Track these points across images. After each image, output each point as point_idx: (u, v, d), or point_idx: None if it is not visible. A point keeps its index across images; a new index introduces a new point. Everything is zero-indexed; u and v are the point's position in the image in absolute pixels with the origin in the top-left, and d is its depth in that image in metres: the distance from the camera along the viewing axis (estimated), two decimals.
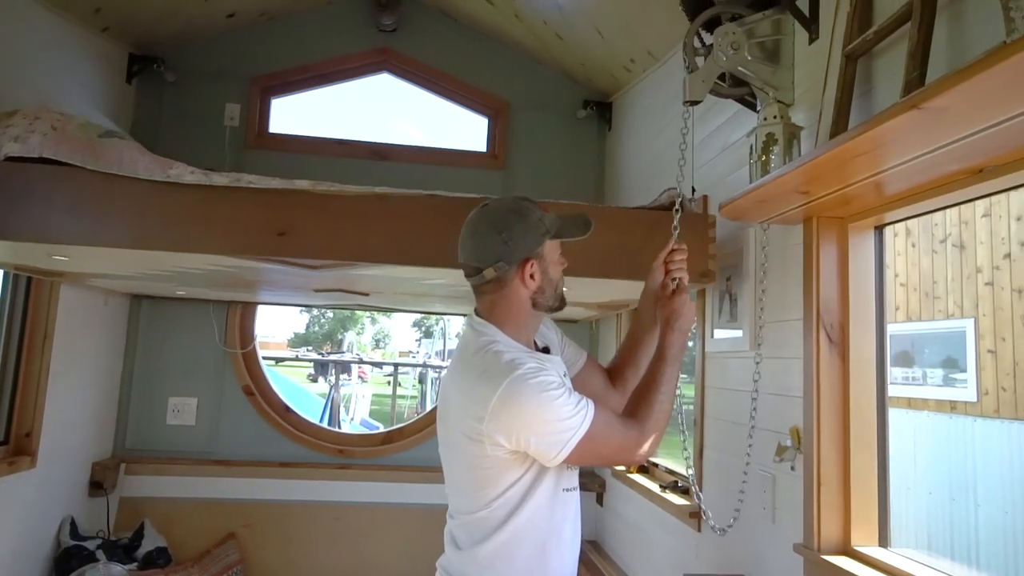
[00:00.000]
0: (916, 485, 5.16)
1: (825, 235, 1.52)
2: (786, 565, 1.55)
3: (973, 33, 1.10)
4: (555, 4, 2.81)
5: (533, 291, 1.32)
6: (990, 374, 4.87)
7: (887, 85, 1.31)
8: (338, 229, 1.79)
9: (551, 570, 1.30)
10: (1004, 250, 4.83)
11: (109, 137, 1.79)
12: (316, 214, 1.79)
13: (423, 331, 34.77)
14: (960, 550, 4.72)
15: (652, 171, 2.72)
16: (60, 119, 1.79)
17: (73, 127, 1.77)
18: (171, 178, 1.75)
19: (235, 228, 1.77)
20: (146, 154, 1.79)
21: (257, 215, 1.77)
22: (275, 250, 1.76)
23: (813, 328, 1.51)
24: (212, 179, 1.77)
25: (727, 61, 1.63)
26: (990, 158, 1.06)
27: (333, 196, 1.81)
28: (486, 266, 1.30)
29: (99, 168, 1.72)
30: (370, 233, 1.80)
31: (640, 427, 1.28)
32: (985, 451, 4.83)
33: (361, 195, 1.82)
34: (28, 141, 1.71)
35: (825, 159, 1.19)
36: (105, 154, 1.74)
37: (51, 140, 1.72)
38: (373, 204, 1.81)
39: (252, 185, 1.78)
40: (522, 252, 1.29)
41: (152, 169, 1.75)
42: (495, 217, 1.32)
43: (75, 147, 1.73)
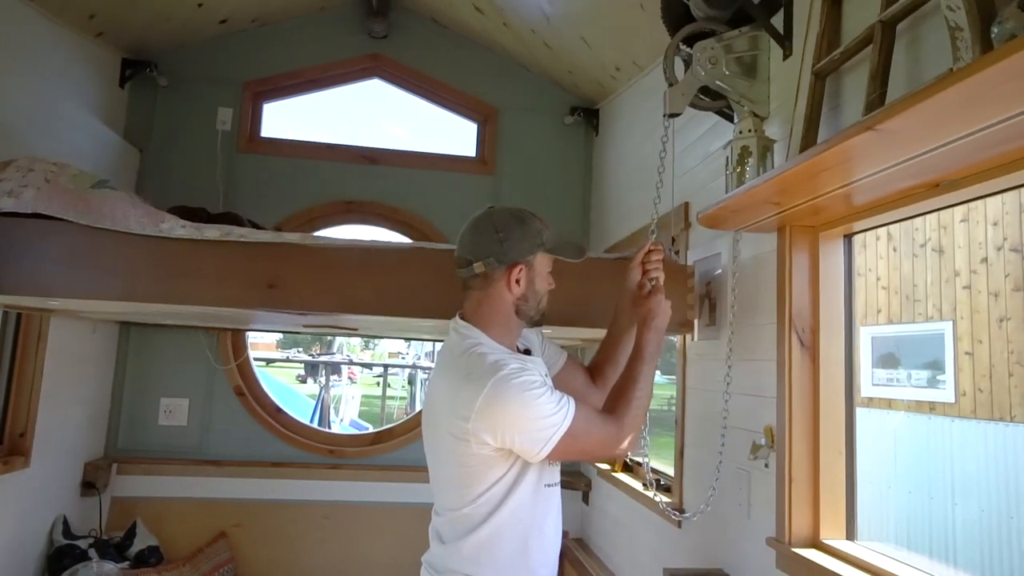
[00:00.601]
0: (896, 484, 5.27)
1: (797, 243, 1.60)
2: (760, 558, 1.62)
3: (929, 58, 1.17)
4: (542, 13, 2.87)
5: (517, 297, 1.37)
6: (967, 376, 4.99)
7: (854, 102, 1.38)
8: (326, 281, 1.83)
9: (533, 563, 1.35)
10: (981, 254, 4.94)
11: (101, 188, 1.81)
12: (305, 266, 1.83)
13: None
14: (938, 547, 4.83)
15: (638, 176, 2.80)
16: (53, 170, 1.80)
17: (66, 179, 1.79)
18: (163, 232, 1.78)
19: (225, 280, 1.80)
20: (138, 206, 1.81)
21: (247, 268, 1.81)
22: (264, 302, 1.78)
23: (785, 332, 1.58)
24: (203, 233, 1.80)
25: (705, 75, 1.70)
26: (944, 174, 1.14)
27: (321, 248, 1.85)
28: (477, 260, 1.35)
29: (91, 223, 1.74)
30: (357, 285, 1.84)
31: (619, 423, 1.34)
32: (962, 451, 4.94)
33: (348, 247, 1.87)
34: (22, 196, 1.72)
35: (794, 172, 1.26)
36: (97, 207, 1.76)
37: (44, 195, 1.73)
38: (360, 256, 1.86)
39: (242, 239, 1.81)
40: (514, 255, 1.35)
41: (144, 223, 1.78)
42: (497, 218, 1.38)
43: (68, 201, 1.75)
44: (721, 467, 1.75)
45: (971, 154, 1.03)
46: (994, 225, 4.84)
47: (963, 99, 0.83)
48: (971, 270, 5.03)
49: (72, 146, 2.61)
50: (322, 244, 1.86)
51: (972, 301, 5.00)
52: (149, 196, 3.10)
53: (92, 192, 1.79)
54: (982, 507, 4.63)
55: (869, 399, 5.83)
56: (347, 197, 3.36)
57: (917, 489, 5.15)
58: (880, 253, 5.90)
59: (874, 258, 5.95)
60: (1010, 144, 0.96)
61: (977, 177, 1.12)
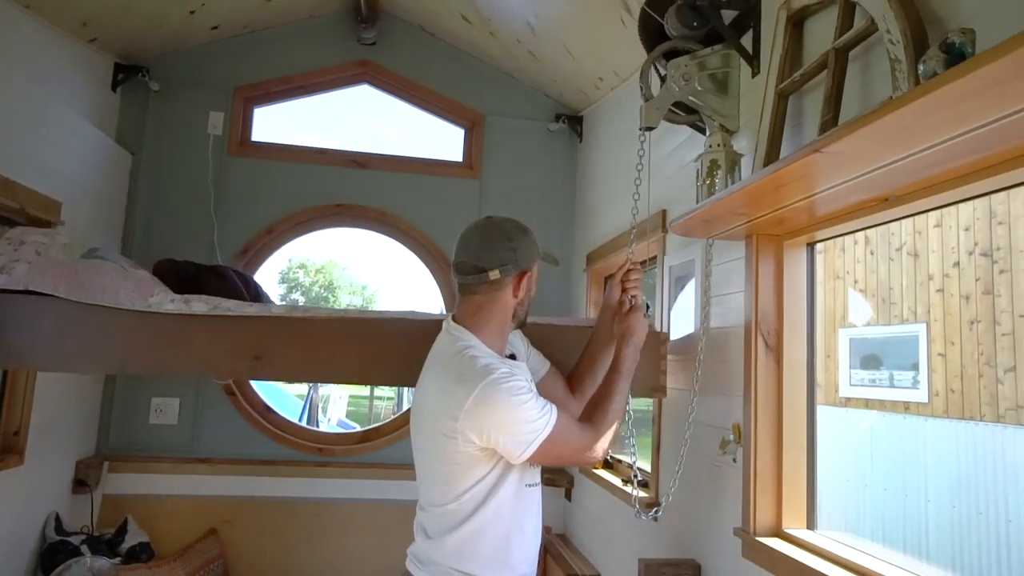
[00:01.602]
0: (873, 482, 5.41)
1: (764, 251, 1.69)
2: (728, 547, 1.72)
3: (877, 82, 1.27)
4: (528, 24, 2.96)
5: (518, 302, 1.45)
6: (940, 376, 5.14)
7: (813, 120, 1.48)
8: (310, 352, 1.88)
9: (513, 559, 1.42)
10: (954, 259, 5.10)
11: (91, 258, 1.86)
12: (290, 338, 1.87)
13: None
14: (912, 543, 4.97)
15: (621, 182, 2.89)
16: (44, 242, 1.84)
17: (56, 249, 1.84)
18: (151, 307, 1.82)
19: (213, 353, 1.85)
20: (128, 278, 1.85)
21: (234, 340, 1.85)
22: (250, 372, 1.86)
23: (752, 334, 1.68)
24: (191, 307, 1.85)
25: (679, 91, 1.80)
26: (890, 190, 1.24)
27: (306, 320, 1.89)
28: (491, 268, 1.40)
29: (82, 299, 1.78)
30: (341, 355, 1.89)
31: (594, 432, 1.42)
32: (936, 449, 5.09)
33: (332, 319, 1.91)
34: (13, 272, 1.76)
35: (757, 186, 1.35)
36: (88, 281, 1.80)
37: (36, 270, 1.77)
38: (343, 327, 1.91)
39: (230, 312, 1.86)
40: (524, 263, 1.43)
41: (133, 297, 1.82)
42: (505, 227, 1.45)
43: (59, 275, 1.78)
44: (684, 463, 1.84)
45: (912, 173, 1.13)
46: (966, 230, 4.99)
47: (894, 128, 0.93)
48: (944, 274, 5.17)
49: (66, 150, 2.66)
50: (308, 316, 1.90)
51: (945, 304, 5.15)
52: (143, 200, 3.19)
53: (82, 264, 1.83)
54: (954, 503, 4.78)
55: (847, 399, 5.98)
56: (337, 200, 3.43)
57: (892, 487, 5.29)
58: (858, 257, 6.04)
59: (852, 261, 6.10)
60: (944, 166, 1.06)
61: (921, 193, 1.22)
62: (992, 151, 0.97)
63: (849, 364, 6.02)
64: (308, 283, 30.04)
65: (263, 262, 3.40)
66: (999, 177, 1.04)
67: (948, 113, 0.85)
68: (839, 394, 6.02)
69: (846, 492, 5.34)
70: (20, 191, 2.33)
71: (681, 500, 1.90)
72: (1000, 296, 4.65)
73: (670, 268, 2.22)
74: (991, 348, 4.68)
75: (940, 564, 4.76)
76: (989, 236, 4.77)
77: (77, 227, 2.69)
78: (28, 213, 2.40)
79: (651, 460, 2.30)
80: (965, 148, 0.96)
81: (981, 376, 4.76)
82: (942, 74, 0.82)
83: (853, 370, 6.02)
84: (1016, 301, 4.52)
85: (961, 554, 4.62)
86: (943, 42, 0.89)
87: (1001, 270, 4.66)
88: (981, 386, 4.74)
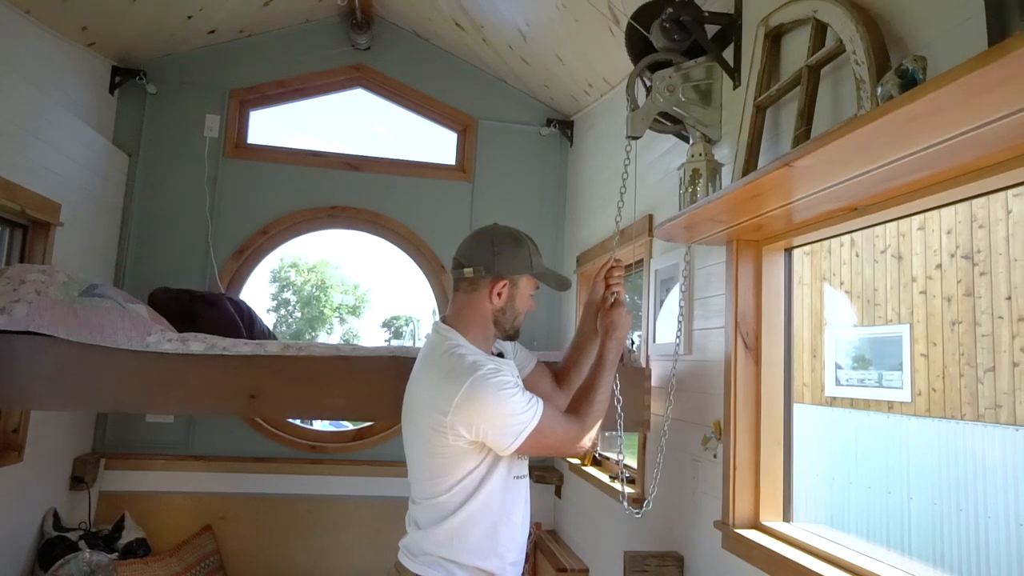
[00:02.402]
0: (857, 480, 5.52)
1: (743, 256, 1.77)
2: (708, 539, 1.80)
3: (846, 99, 1.35)
4: (520, 32, 3.03)
5: (496, 308, 1.49)
6: (923, 376, 5.24)
7: (789, 132, 1.55)
8: (305, 389, 1.92)
9: (501, 547, 1.47)
10: (936, 261, 5.20)
11: (90, 296, 1.89)
12: (284, 376, 1.91)
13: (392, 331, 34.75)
14: (895, 539, 5.07)
15: (610, 186, 2.96)
16: (43, 280, 1.87)
17: (55, 288, 1.87)
18: (149, 347, 1.85)
19: (210, 392, 1.88)
20: (126, 318, 1.88)
21: (230, 379, 1.89)
22: (247, 411, 1.89)
23: (732, 335, 1.75)
24: (188, 347, 1.88)
25: (664, 101, 1.87)
26: (858, 200, 1.32)
27: (300, 358, 1.93)
28: (468, 266, 1.48)
29: (81, 339, 1.80)
30: (335, 392, 1.93)
31: (581, 423, 1.48)
32: (918, 448, 5.20)
33: (326, 357, 1.95)
34: (14, 313, 1.78)
35: (735, 195, 1.43)
36: (87, 321, 1.82)
37: (36, 310, 1.79)
38: (337, 365, 1.94)
39: (226, 352, 1.89)
40: (501, 269, 1.47)
41: (131, 337, 1.85)
42: (497, 233, 1.51)
43: (58, 316, 1.81)
44: (663, 459, 1.92)
45: (875, 185, 1.21)
46: (948, 233, 5.10)
47: (855, 146, 1.00)
48: (927, 276, 5.28)
49: (64, 152, 2.71)
50: (302, 354, 1.94)
51: (928, 305, 5.25)
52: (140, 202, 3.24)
53: (81, 303, 1.86)
54: (935, 500, 4.88)
55: (832, 398, 6.08)
56: (331, 202, 3.49)
57: (876, 485, 5.39)
58: (844, 259, 6.15)
59: (838, 263, 6.20)
60: (903, 179, 1.14)
61: (886, 203, 1.30)
62: (943, 167, 1.05)
63: (835, 364, 6.13)
64: (300, 282, 30.00)
65: (259, 262, 3.46)
66: (954, 191, 1.12)
67: (900, 133, 0.93)
68: (825, 394, 6.13)
69: (831, 490, 5.44)
70: (21, 193, 2.38)
71: (664, 495, 1.98)
72: (980, 298, 4.76)
73: (656, 271, 2.30)
74: (972, 349, 4.79)
75: (921, 560, 4.86)
76: (970, 239, 4.88)
77: (77, 229, 2.74)
78: (28, 215, 2.45)
79: (637, 457, 2.38)
80: (919, 164, 1.04)
81: (962, 376, 4.87)
82: (895, 98, 0.89)
83: (839, 370, 6.13)
84: (995, 303, 4.63)
85: (942, 550, 4.72)
86: (899, 67, 0.97)
87: (981, 272, 4.77)
88: (962, 386, 4.85)
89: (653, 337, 2.27)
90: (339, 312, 31.83)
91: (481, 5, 2.99)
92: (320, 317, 31.71)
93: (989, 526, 4.40)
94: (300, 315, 31.28)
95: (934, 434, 5.04)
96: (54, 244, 2.61)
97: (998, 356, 4.58)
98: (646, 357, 2.36)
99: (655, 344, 2.29)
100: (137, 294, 3.16)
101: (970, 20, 1.02)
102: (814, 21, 1.42)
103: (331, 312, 31.50)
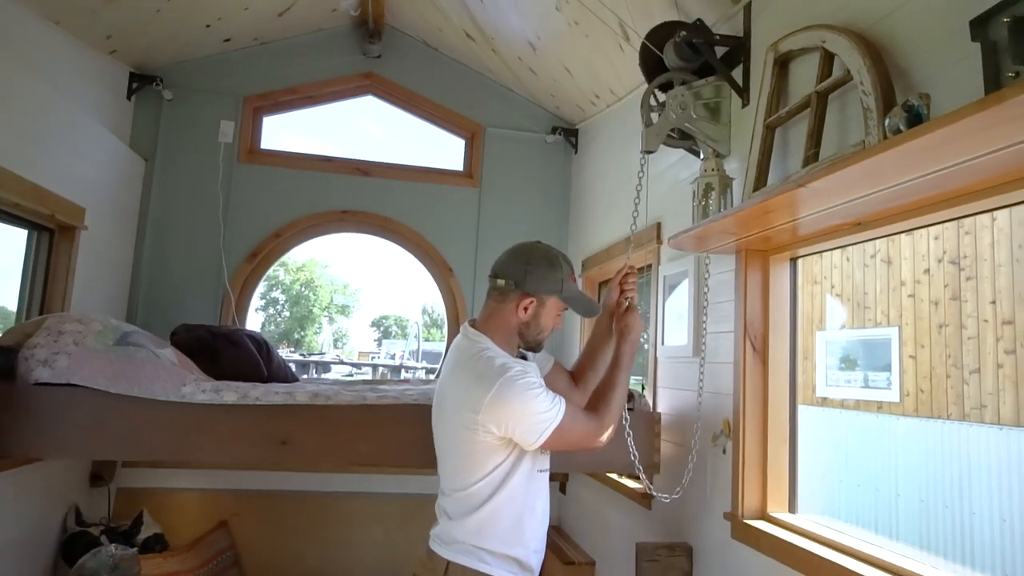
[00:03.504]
0: (847, 478, 5.67)
1: (752, 265, 1.89)
2: (718, 530, 1.91)
3: (852, 123, 1.47)
4: (529, 44, 3.14)
5: (521, 322, 1.59)
6: (911, 377, 5.41)
7: (798, 152, 1.67)
8: (333, 436, 2.02)
9: (526, 536, 1.57)
10: (924, 265, 5.37)
11: (124, 344, 1.99)
12: (313, 424, 2.01)
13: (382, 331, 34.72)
14: (883, 536, 5.22)
15: (613, 193, 3.08)
16: (80, 330, 1.96)
17: (92, 338, 1.96)
18: (185, 397, 1.95)
19: (242, 440, 1.97)
20: (160, 368, 1.97)
21: (261, 428, 1.98)
22: (277, 459, 1.97)
23: (741, 339, 1.87)
24: (222, 397, 1.97)
25: (676, 118, 1.99)
26: (861, 217, 1.43)
27: (329, 407, 2.03)
28: (501, 277, 1.58)
29: (119, 391, 1.90)
30: (361, 439, 2.04)
31: (600, 420, 1.58)
32: (906, 446, 5.36)
33: (353, 405, 2.05)
34: (55, 365, 1.87)
35: (747, 212, 1.54)
36: (123, 371, 1.92)
37: (76, 362, 1.88)
38: (363, 413, 2.05)
39: (258, 402, 1.99)
40: (529, 287, 1.56)
41: (167, 388, 1.94)
42: (534, 252, 1.60)
43: (97, 368, 1.90)
44: (695, 454, 2.03)
45: (879, 204, 1.33)
46: (935, 239, 5.26)
47: (865, 171, 1.12)
48: (915, 280, 5.45)
49: (88, 157, 2.79)
50: (330, 403, 2.05)
51: (916, 309, 5.42)
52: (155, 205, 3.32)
53: (117, 352, 1.96)
54: (922, 498, 5.04)
55: (824, 399, 6.24)
56: (342, 206, 3.58)
57: (866, 483, 5.55)
58: (835, 263, 6.31)
59: (829, 267, 6.37)
60: (905, 199, 1.26)
61: (887, 220, 1.42)
62: (942, 190, 1.17)
63: (826, 365, 6.29)
64: (289, 281, 29.93)
65: (272, 264, 3.55)
66: (951, 210, 1.24)
67: (906, 162, 1.05)
68: (816, 394, 6.29)
69: (824, 488, 5.60)
70: (51, 199, 2.46)
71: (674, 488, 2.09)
72: (966, 302, 4.93)
73: (664, 277, 2.41)
74: (958, 351, 4.96)
75: (909, 558, 5.00)
76: (957, 245, 5.04)
77: (98, 232, 2.82)
78: (58, 220, 2.53)
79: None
80: (921, 187, 1.16)
81: (948, 377, 5.03)
82: (904, 132, 1.01)
83: (830, 371, 6.29)
84: (981, 306, 4.80)
85: (928, 546, 4.88)
86: (905, 103, 1.09)
87: (967, 277, 4.94)
88: (948, 386, 5.02)
89: (662, 339, 2.39)
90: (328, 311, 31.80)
91: (492, 18, 3.09)
92: (309, 316, 31.65)
93: (974, 522, 4.56)
94: (289, 314, 31.23)
95: (921, 433, 5.20)
96: (79, 248, 2.69)
97: (983, 358, 4.75)
98: (654, 360, 2.48)
99: (663, 346, 2.40)
100: (151, 299, 3.25)
101: (967, 59, 1.14)
102: (822, 50, 1.54)
103: (320, 312, 31.46)
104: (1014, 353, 4.55)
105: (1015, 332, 4.54)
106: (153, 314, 3.29)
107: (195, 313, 3.31)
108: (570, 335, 3.52)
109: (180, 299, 3.32)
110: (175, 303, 3.32)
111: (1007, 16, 0.99)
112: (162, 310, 3.30)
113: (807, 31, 1.61)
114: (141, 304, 3.29)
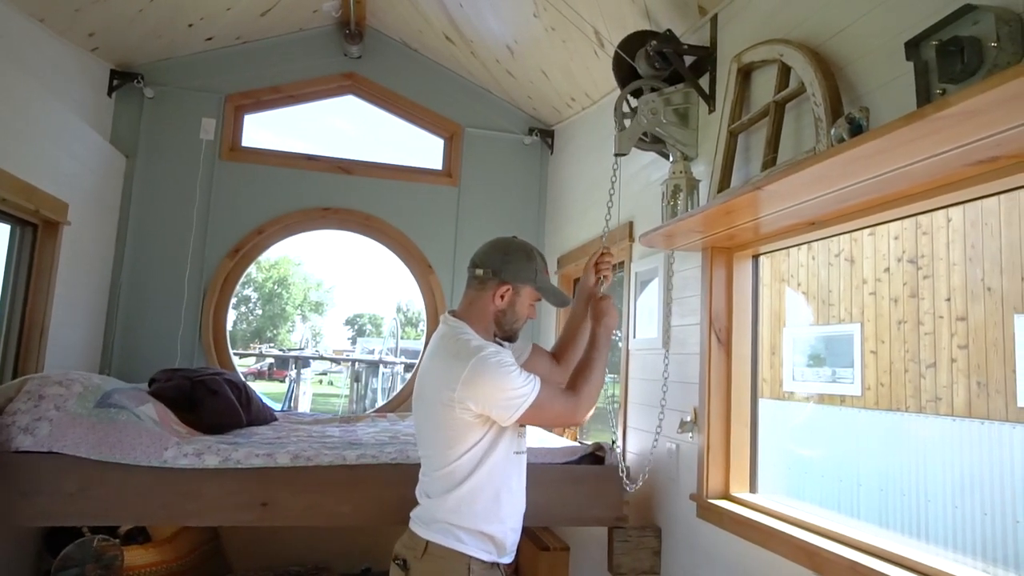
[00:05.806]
0: (812, 470, 5.89)
1: (717, 261, 2.02)
2: (685, 511, 2.04)
3: (807, 131, 1.60)
4: (508, 48, 3.24)
5: (497, 309, 1.69)
6: (872, 371, 5.64)
7: (758, 157, 1.80)
8: (314, 497, 2.07)
9: (503, 513, 1.66)
10: (885, 264, 5.60)
11: (105, 407, 2.04)
12: (294, 486, 2.06)
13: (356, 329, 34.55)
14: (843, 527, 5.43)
15: (588, 193, 3.20)
16: (62, 394, 1.99)
17: (73, 402, 2.00)
18: (167, 462, 1.99)
19: (223, 503, 2.01)
20: (142, 432, 2.00)
21: (243, 490, 2.02)
22: (258, 519, 2.01)
23: (707, 331, 2.00)
24: (204, 461, 2.02)
25: (648, 123, 2.11)
26: (815, 217, 1.57)
27: (310, 468, 2.08)
28: (480, 266, 1.68)
29: (101, 458, 1.93)
30: (342, 500, 2.08)
31: (576, 397, 1.67)
32: (867, 438, 5.58)
33: (333, 466, 2.10)
34: (37, 433, 1.89)
35: (711, 211, 1.66)
36: (105, 437, 1.95)
37: (58, 429, 1.91)
38: (344, 473, 2.10)
39: (239, 465, 2.04)
40: (507, 276, 1.66)
41: (149, 453, 1.98)
42: (512, 244, 1.70)
43: (80, 435, 1.93)
44: (656, 443, 2.15)
45: (829, 205, 1.46)
46: (895, 239, 5.49)
47: (814, 176, 1.24)
48: (876, 278, 5.68)
49: (71, 153, 2.81)
50: (311, 464, 2.10)
51: (877, 306, 5.65)
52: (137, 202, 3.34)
53: (99, 416, 1.99)
54: (881, 487, 5.26)
55: (790, 393, 6.46)
56: (323, 204, 3.64)
57: (829, 474, 5.76)
58: (801, 262, 6.53)
59: (795, 266, 6.59)
60: (852, 201, 1.39)
61: (838, 220, 1.55)
62: (883, 193, 1.30)
63: (793, 362, 6.51)
64: (261, 279, 29.63)
65: (254, 259, 3.60)
66: (894, 211, 1.38)
67: (849, 168, 1.17)
68: (783, 388, 6.50)
69: (788, 479, 5.80)
70: (36, 194, 2.49)
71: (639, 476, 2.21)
72: (924, 299, 5.16)
73: (636, 273, 2.53)
74: (915, 346, 5.19)
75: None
76: (915, 245, 5.27)
77: (80, 228, 2.85)
78: (42, 215, 2.56)
79: (620, 440, 2.61)
80: (865, 190, 1.29)
81: (907, 371, 5.26)
82: (845, 141, 1.14)
83: (798, 367, 6.51)
84: (936, 304, 5.03)
85: (886, 526, 5.09)
86: (848, 115, 1.21)
87: (925, 276, 5.17)
88: (906, 380, 5.25)
89: (634, 332, 2.51)
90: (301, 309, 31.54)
91: (472, 22, 3.19)
92: (282, 314, 31.36)
93: (928, 509, 4.78)
94: (261, 312, 30.90)
95: (881, 425, 5.43)
96: (61, 243, 2.72)
97: (939, 353, 4.98)
98: (626, 353, 2.60)
99: (635, 339, 2.53)
100: (132, 295, 3.28)
101: (903, 76, 1.27)
102: (780, 63, 1.67)
103: (293, 310, 31.20)
104: (967, 348, 4.79)
105: (968, 328, 4.78)
106: (134, 310, 3.33)
107: (176, 310, 3.35)
108: (546, 326, 3.63)
109: (161, 295, 3.35)
110: (156, 300, 3.36)
111: (935, 40, 1.12)
112: (143, 307, 3.33)
113: (767, 44, 1.73)
114: (122, 300, 3.31)
